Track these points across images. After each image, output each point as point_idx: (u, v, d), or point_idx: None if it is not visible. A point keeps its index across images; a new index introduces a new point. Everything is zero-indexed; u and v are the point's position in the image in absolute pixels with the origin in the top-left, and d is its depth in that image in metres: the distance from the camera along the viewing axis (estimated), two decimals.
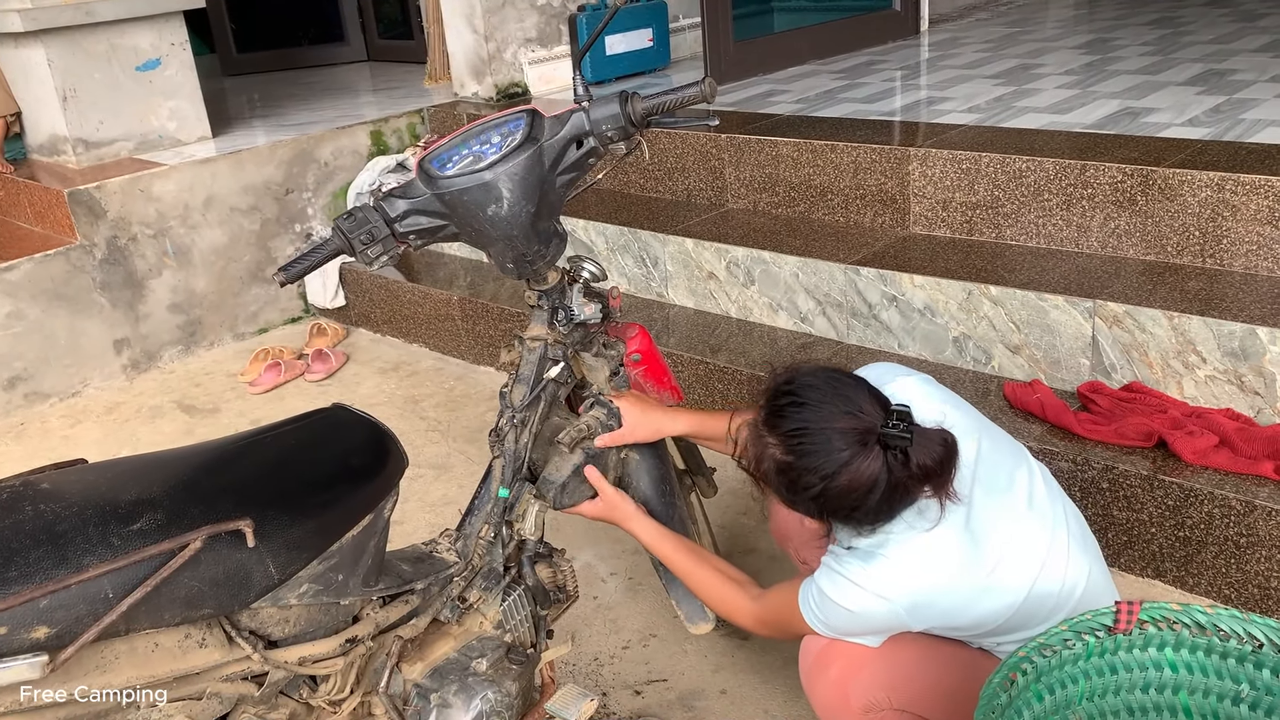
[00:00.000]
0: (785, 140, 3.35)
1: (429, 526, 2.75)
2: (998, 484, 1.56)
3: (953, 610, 1.52)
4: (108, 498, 1.22)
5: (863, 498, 1.43)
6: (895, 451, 1.40)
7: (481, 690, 1.61)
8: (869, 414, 1.44)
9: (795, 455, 1.44)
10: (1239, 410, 2.36)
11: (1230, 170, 2.56)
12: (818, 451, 1.43)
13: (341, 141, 4.36)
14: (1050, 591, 1.53)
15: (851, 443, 1.42)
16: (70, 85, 3.94)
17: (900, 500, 1.45)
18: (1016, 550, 1.52)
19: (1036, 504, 1.58)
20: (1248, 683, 1.41)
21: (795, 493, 1.47)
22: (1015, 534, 1.53)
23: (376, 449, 1.50)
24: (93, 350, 3.82)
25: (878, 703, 1.55)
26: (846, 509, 1.45)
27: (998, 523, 1.52)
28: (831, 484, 1.42)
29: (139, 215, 3.85)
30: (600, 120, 1.60)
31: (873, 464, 1.41)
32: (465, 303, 3.71)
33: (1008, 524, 1.53)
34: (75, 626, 1.14)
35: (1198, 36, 4.42)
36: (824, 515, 1.49)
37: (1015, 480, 1.59)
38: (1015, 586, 1.51)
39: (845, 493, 1.43)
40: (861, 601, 1.50)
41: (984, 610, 1.52)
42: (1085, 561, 1.58)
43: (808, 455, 1.43)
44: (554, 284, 1.76)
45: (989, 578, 1.50)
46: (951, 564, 1.49)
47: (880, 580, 1.49)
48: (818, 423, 1.43)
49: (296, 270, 1.59)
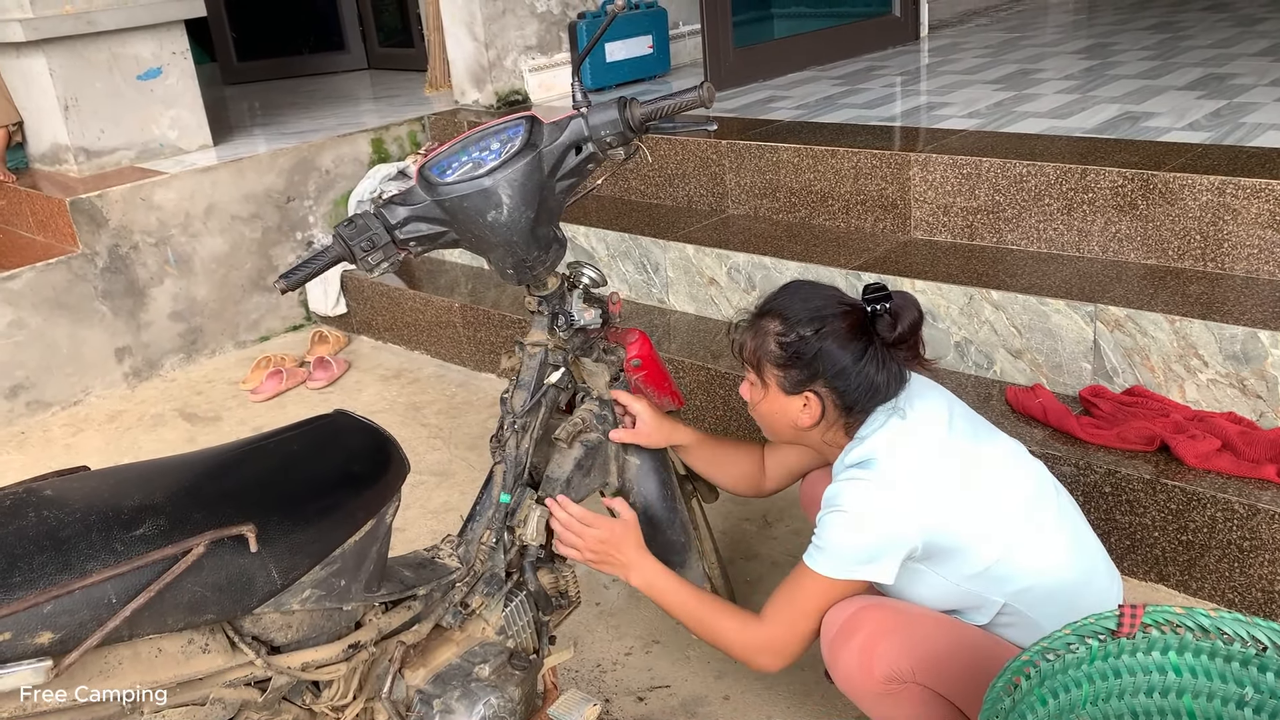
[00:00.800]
0: (786, 146, 3.35)
1: (431, 533, 2.75)
2: (979, 432, 1.68)
3: (947, 520, 1.57)
4: (111, 503, 1.22)
5: (853, 358, 1.58)
6: (881, 312, 1.59)
7: (484, 696, 1.61)
8: (852, 300, 1.65)
9: (789, 319, 1.62)
10: (1241, 414, 2.35)
11: (1231, 174, 2.56)
12: (810, 309, 1.61)
13: (342, 149, 4.37)
14: (1041, 541, 1.61)
15: (839, 304, 1.63)
16: (72, 94, 3.95)
17: (887, 372, 1.60)
18: (1001, 485, 1.62)
19: (1021, 460, 1.69)
20: (1251, 686, 1.40)
21: (793, 354, 1.60)
22: (999, 475, 1.63)
23: (378, 455, 1.50)
24: (94, 359, 3.82)
25: (900, 673, 1.56)
26: (840, 370, 1.59)
27: (981, 458, 1.63)
28: (825, 336, 1.59)
29: (140, 224, 3.86)
30: (599, 126, 1.60)
31: (860, 324, 1.60)
32: (466, 310, 3.71)
33: (991, 465, 1.64)
34: (79, 631, 1.14)
35: (1197, 41, 4.43)
36: (818, 379, 1.61)
37: (996, 435, 1.70)
38: (1001, 517, 1.60)
39: (839, 349, 1.58)
40: (863, 498, 1.55)
41: (972, 534, 1.58)
42: (1076, 526, 1.68)
43: (801, 313, 1.61)
44: (554, 290, 1.76)
45: (975, 497, 1.59)
46: (940, 467, 1.59)
47: (878, 475, 1.57)
48: (808, 290, 1.67)
49: (297, 277, 1.59)
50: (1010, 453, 1.69)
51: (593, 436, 1.82)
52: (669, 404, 2.00)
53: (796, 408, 1.66)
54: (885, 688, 1.57)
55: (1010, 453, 1.69)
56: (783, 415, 1.68)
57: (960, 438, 1.64)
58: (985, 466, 1.62)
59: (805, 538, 2.56)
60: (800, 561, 1.62)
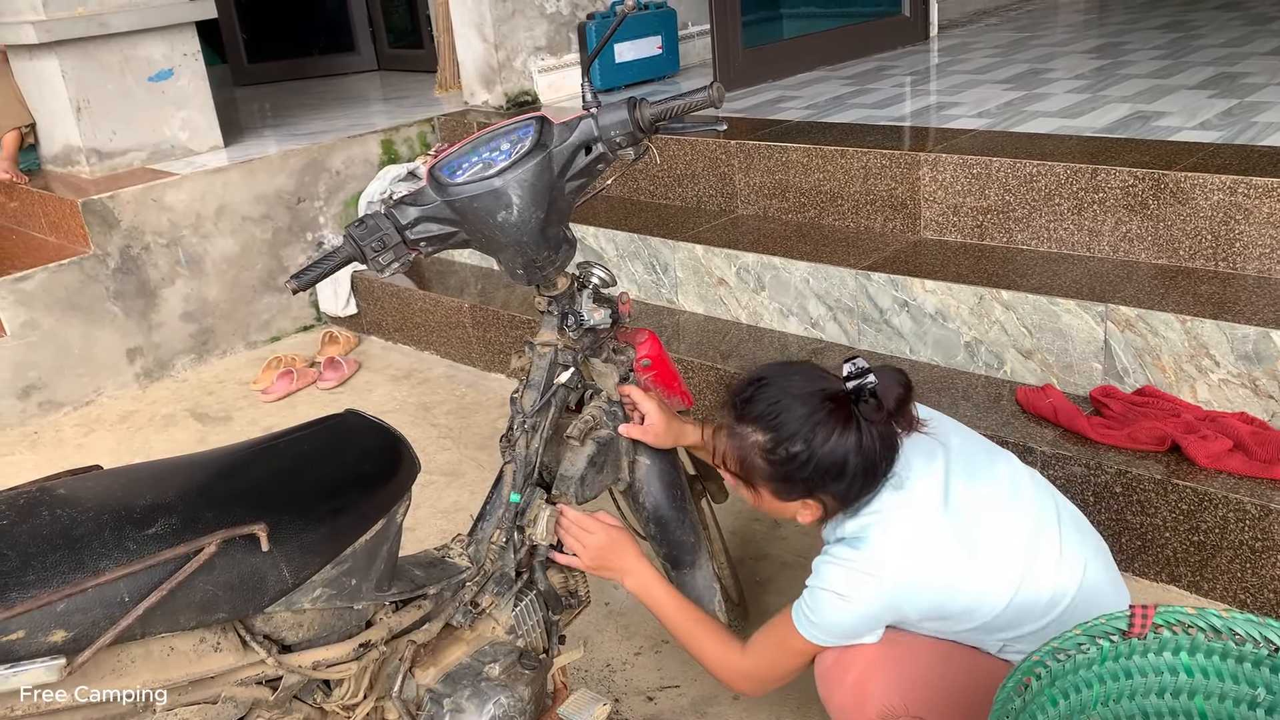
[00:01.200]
0: (795, 146, 3.35)
1: (440, 533, 2.76)
2: (976, 473, 1.59)
3: (943, 593, 1.52)
4: (123, 502, 1.22)
5: (846, 457, 1.47)
6: (865, 397, 1.47)
7: (494, 695, 1.61)
8: (831, 379, 1.52)
9: (775, 430, 1.49)
10: (1253, 414, 2.34)
11: (1242, 173, 2.55)
12: (794, 420, 1.48)
13: (353, 150, 4.38)
14: (1043, 583, 1.54)
15: (824, 402, 1.48)
16: (84, 96, 3.97)
17: (881, 454, 1.49)
18: (1001, 534, 1.54)
19: (1020, 493, 1.60)
20: (1264, 687, 1.39)
21: (784, 473, 1.51)
22: (999, 519, 1.55)
23: (389, 454, 1.50)
24: (106, 359, 3.84)
25: (894, 709, 1.55)
26: (835, 474, 1.48)
27: (979, 508, 1.55)
28: (816, 448, 1.47)
29: (152, 225, 3.87)
30: (608, 126, 1.60)
31: (847, 418, 1.47)
32: (476, 310, 3.72)
33: (989, 509, 1.56)
34: (92, 630, 1.14)
35: (1209, 40, 4.41)
36: (815, 490, 1.51)
37: (995, 470, 1.61)
38: (1003, 571, 1.53)
39: (830, 455, 1.47)
40: (852, 583, 1.50)
41: (974, 593, 1.53)
42: (1080, 554, 1.59)
43: (786, 425, 1.48)
44: (563, 290, 1.76)
45: (974, 559, 1.52)
46: (936, 540, 1.51)
47: (868, 558, 1.50)
48: (788, 394, 1.50)
49: (309, 278, 1.59)
50: (1008, 490, 1.60)
51: (604, 433, 1.82)
52: (679, 404, 2.00)
53: (794, 509, 1.57)
54: None
55: (1008, 490, 1.60)
56: (780, 513, 1.61)
57: (958, 497, 1.55)
58: (984, 522, 1.55)
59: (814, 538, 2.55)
60: (789, 612, 1.59)
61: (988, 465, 1.62)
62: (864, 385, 1.48)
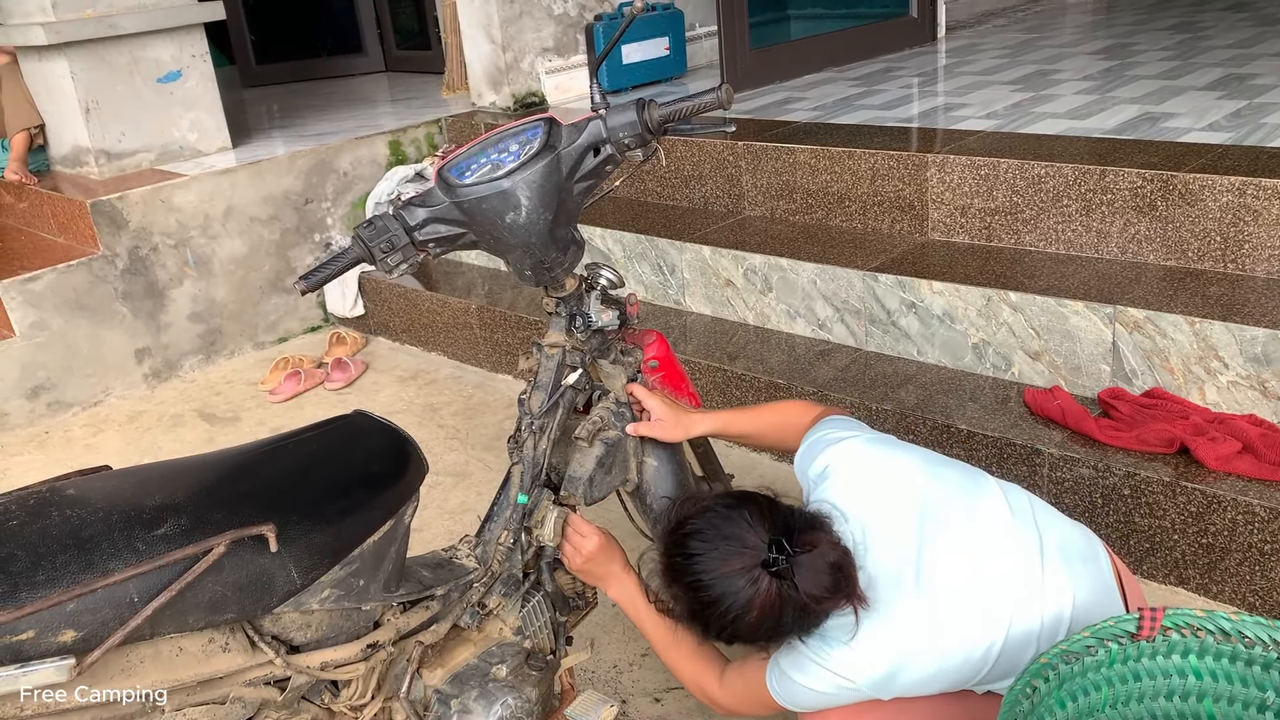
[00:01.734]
0: (802, 147, 3.35)
1: (448, 533, 2.76)
2: (953, 540, 1.51)
3: (922, 679, 1.47)
4: (132, 503, 1.23)
5: (775, 624, 1.43)
6: (785, 580, 1.40)
7: (501, 696, 1.61)
8: (754, 546, 1.42)
9: (700, 605, 1.45)
10: (1262, 416, 2.34)
11: (1251, 175, 2.54)
12: (718, 599, 1.42)
13: (360, 151, 4.39)
14: (1030, 629, 1.48)
15: (745, 580, 1.41)
16: (93, 97, 3.98)
17: (813, 618, 1.44)
18: (981, 603, 1.47)
19: (998, 539, 1.52)
20: (1273, 690, 1.39)
21: (711, 633, 1.48)
22: (978, 587, 1.48)
23: (397, 455, 1.50)
24: (114, 359, 3.85)
25: None
26: (765, 635, 1.45)
27: (957, 585, 1.48)
28: (741, 623, 1.42)
29: (160, 225, 3.88)
30: (617, 128, 1.60)
31: (770, 592, 1.40)
32: (483, 311, 3.72)
33: (969, 584, 1.48)
34: (101, 630, 1.15)
35: (1217, 41, 4.40)
36: (749, 644, 1.49)
37: (975, 517, 1.54)
38: (987, 640, 1.46)
39: (757, 625, 1.43)
40: (824, 681, 1.47)
41: (957, 672, 1.48)
42: (1068, 583, 1.51)
43: (710, 604, 1.43)
44: (572, 291, 1.76)
45: (955, 643, 1.46)
46: (911, 636, 1.46)
47: (839, 662, 1.46)
48: (710, 571, 1.43)
49: (317, 279, 1.60)
50: (987, 539, 1.52)
51: (612, 434, 1.81)
52: (686, 405, 2.00)
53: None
54: None
55: (987, 539, 1.52)
56: None
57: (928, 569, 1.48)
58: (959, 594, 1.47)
59: None
60: (763, 665, 1.56)
61: (966, 515, 1.54)
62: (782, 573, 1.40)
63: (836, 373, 2.89)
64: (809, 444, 1.67)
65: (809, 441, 1.68)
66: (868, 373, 2.87)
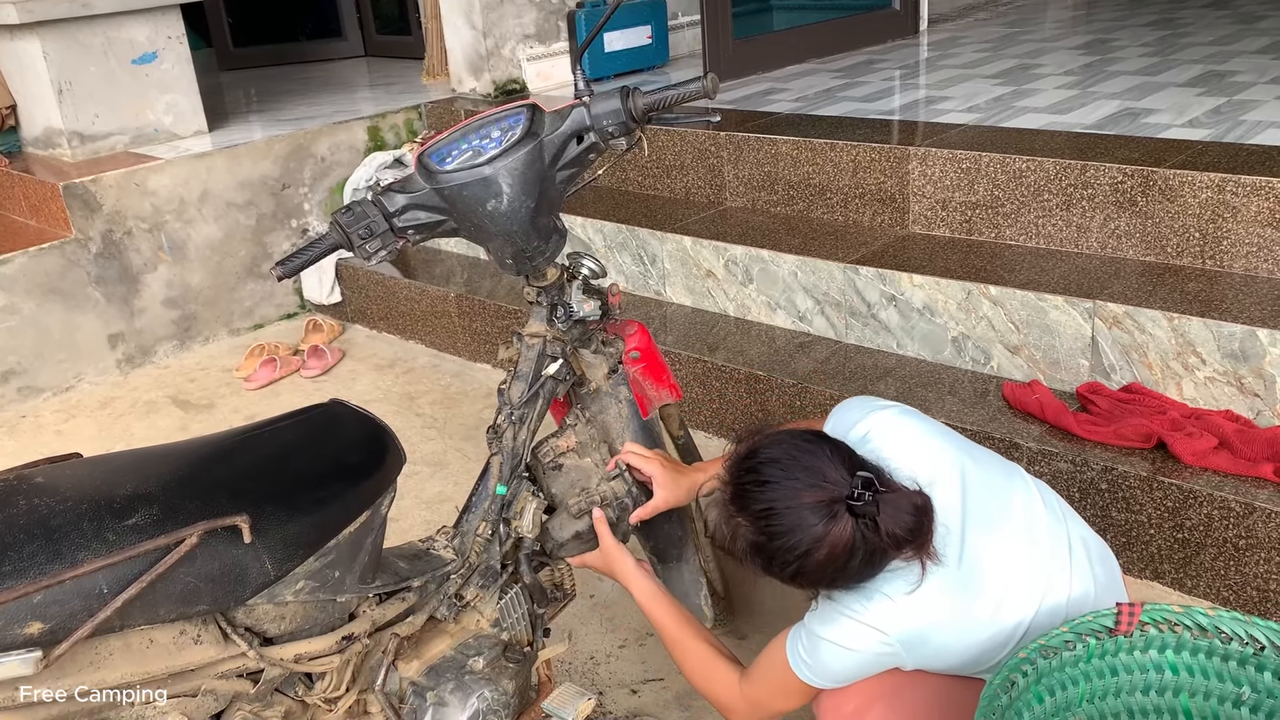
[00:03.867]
0: (784, 139, 3.34)
1: (425, 524, 2.74)
2: (991, 516, 1.51)
3: (948, 647, 1.46)
4: (103, 492, 1.20)
5: (841, 566, 1.39)
6: (865, 520, 1.36)
7: (478, 689, 1.60)
8: (835, 481, 1.38)
9: (767, 536, 1.40)
10: (1238, 412, 2.35)
11: (1230, 171, 2.55)
12: (789, 531, 1.38)
13: (339, 137, 4.34)
14: (1057, 610, 1.48)
15: (821, 515, 1.37)
16: (66, 78, 3.92)
17: (879, 562, 1.40)
18: (1016, 586, 1.47)
19: (1035, 531, 1.53)
20: (1248, 685, 1.40)
21: (772, 570, 1.43)
22: (1015, 569, 1.48)
23: (374, 445, 1.48)
24: (87, 345, 3.80)
25: None
26: (827, 578, 1.42)
27: (995, 559, 1.48)
28: (807, 560, 1.38)
29: (134, 209, 3.83)
30: (601, 115, 1.58)
31: (845, 531, 1.36)
32: (462, 300, 3.69)
33: (1006, 559, 1.48)
34: (69, 622, 1.13)
35: (1197, 38, 4.42)
36: (804, 586, 1.45)
37: (1011, 507, 1.53)
38: (1015, 621, 1.47)
39: (823, 565, 1.39)
40: (856, 636, 1.44)
41: (981, 647, 1.47)
42: (1089, 577, 1.53)
43: (779, 536, 1.38)
44: (553, 280, 1.75)
45: (989, 615, 1.46)
46: (949, 601, 1.44)
47: (877, 614, 1.43)
48: (784, 500, 1.38)
49: (294, 265, 1.57)
50: (1024, 529, 1.52)
51: (610, 513, 1.77)
52: (667, 396, 1.99)
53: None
54: None
55: (1024, 529, 1.52)
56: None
57: (973, 549, 1.47)
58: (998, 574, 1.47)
59: None
60: (783, 652, 1.52)
61: (1002, 505, 1.53)
62: (865, 511, 1.36)
63: (816, 365, 2.88)
64: (840, 414, 1.61)
65: (840, 413, 1.62)
66: (847, 365, 2.87)
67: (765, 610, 2.31)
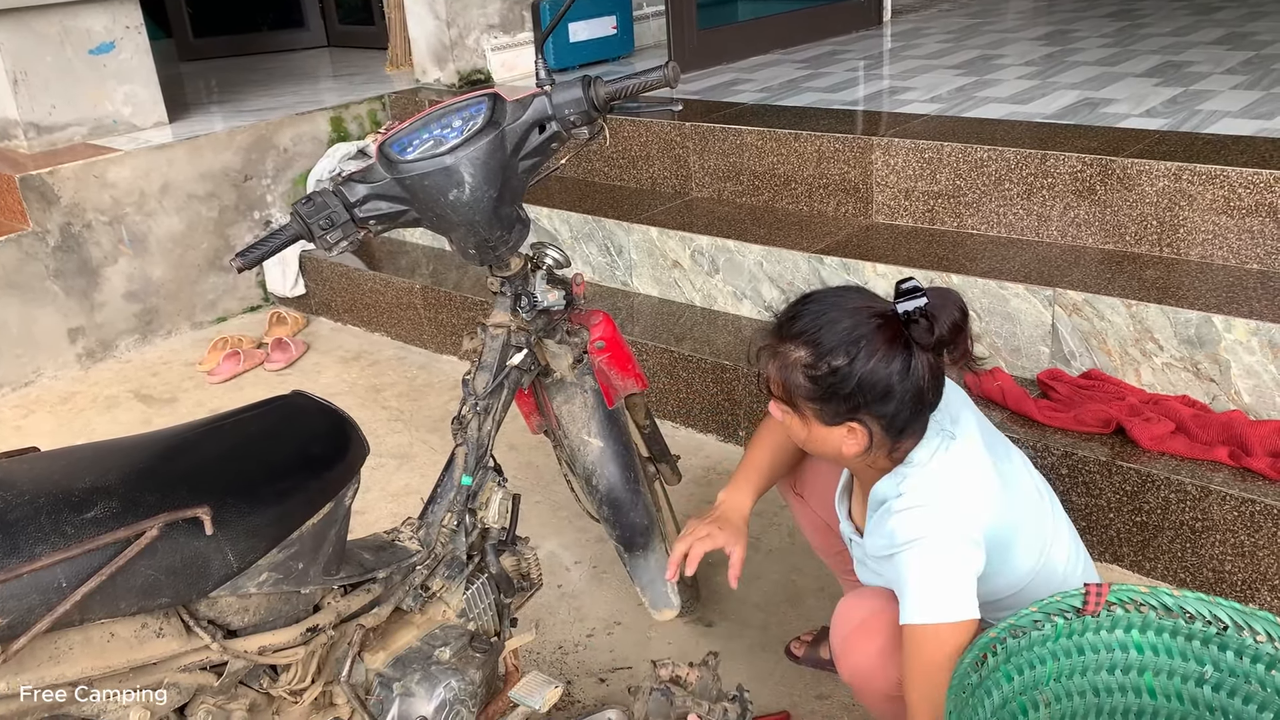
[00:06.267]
0: (749, 129, 3.35)
1: (391, 516, 2.73)
2: (998, 452, 1.58)
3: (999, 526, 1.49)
4: (61, 485, 1.19)
5: (891, 377, 1.41)
6: (916, 318, 1.40)
7: (445, 679, 1.59)
8: (882, 301, 1.46)
9: (818, 345, 1.42)
10: (1195, 397, 2.39)
11: (1187, 160, 2.59)
12: (839, 332, 1.42)
13: (301, 128, 4.30)
14: (1059, 552, 1.60)
15: (870, 318, 1.42)
16: (21, 68, 3.85)
17: (929, 381, 1.44)
18: (1031, 502, 1.58)
19: (1038, 481, 1.64)
20: (1211, 664, 1.42)
21: (827, 390, 1.43)
22: (1027, 487, 1.59)
23: (337, 436, 1.47)
24: (46, 339, 3.75)
25: None
26: (879, 395, 1.42)
27: (1007, 469, 1.56)
28: (859, 364, 1.40)
29: (94, 202, 3.78)
30: (563, 104, 1.58)
31: (893, 337, 1.41)
32: (427, 291, 3.67)
33: (1015, 475, 1.58)
34: (28, 616, 1.11)
35: (1155, 29, 4.48)
36: (859, 411, 1.44)
37: (1012, 456, 1.62)
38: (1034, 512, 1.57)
39: (874, 374, 1.41)
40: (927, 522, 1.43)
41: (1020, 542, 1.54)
42: (1080, 548, 1.66)
43: (828, 340, 1.42)
44: (517, 270, 1.74)
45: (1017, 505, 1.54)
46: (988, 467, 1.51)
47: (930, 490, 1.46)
48: (833, 309, 1.44)
49: (254, 256, 1.56)
50: (1023, 466, 1.63)
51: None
52: (632, 385, 1.99)
53: (839, 437, 1.48)
54: (897, 692, 1.53)
55: (1023, 466, 1.63)
56: (824, 444, 1.51)
57: (993, 454, 1.55)
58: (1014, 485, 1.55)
59: (769, 521, 2.57)
60: (905, 627, 1.46)
61: (1005, 448, 1.62)
62: (914, 304, 1.41)
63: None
64: None
65: None
66: None
67: (732, 597, 2.33)
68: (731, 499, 1.78)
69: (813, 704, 2.03)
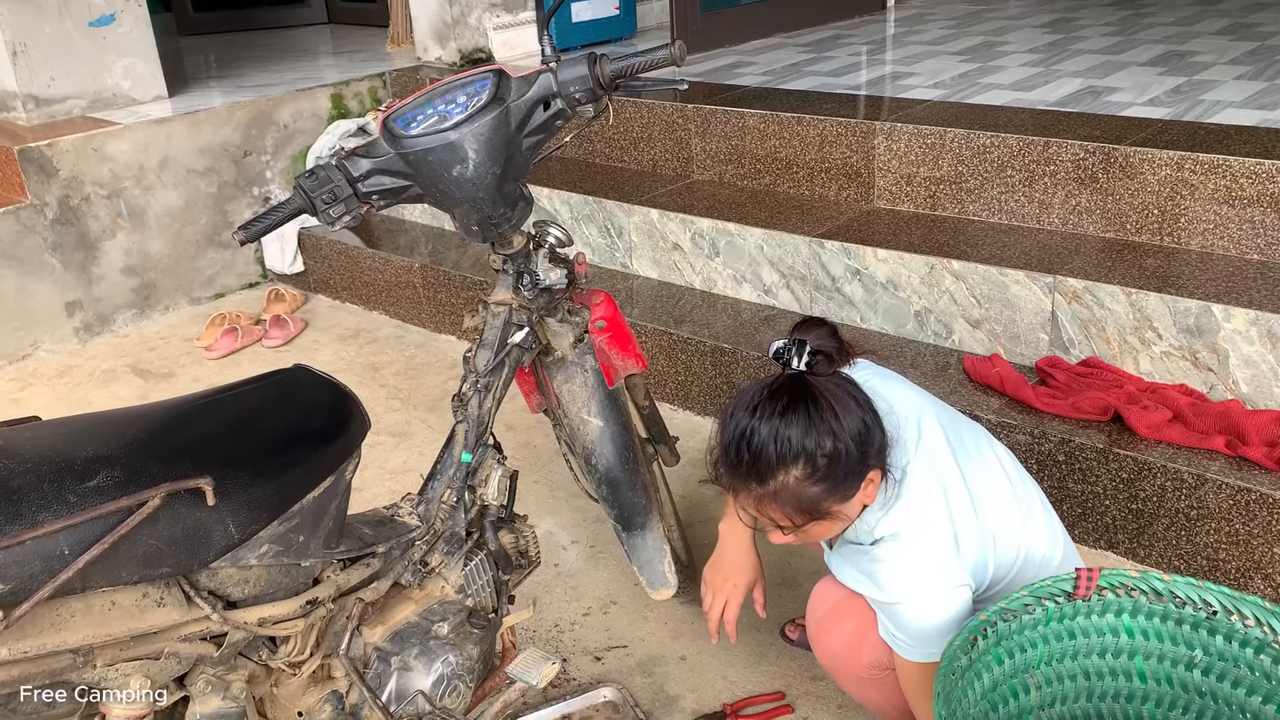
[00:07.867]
0: (751, 112, 3.34)
1: (389, 493, 2.74)
2: (967, 449, 1.60)
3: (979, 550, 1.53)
4: (64, 454, 1.19)
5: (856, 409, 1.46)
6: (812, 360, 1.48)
7: (442, 654, 1.60)
8: (767, 380, 1.51)
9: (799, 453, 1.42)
10: (1192, 386, 2.40)
11: (1189, 150, 2.59)
12: (795, 428, 1.42)
13: (301, 104, 4.29)
14: (1037, 551, 1.60)
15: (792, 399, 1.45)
16: (20, 40, 3.83)
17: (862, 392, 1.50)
18: (1003, 501, 1.58)
19: (1009, 471, 1.64)
20: (1201, 648, 1.44)
21: (841, 471, 1.44)
22: (1000, 487, 1.59)
23: (338, 410, 1.48)
24: (44, 312, 3.74)
25: (885, 662, 1.59)
26: (864, 431, 1.45)
27: (979, 476, 1.58)
28: (837, 427, 1.42)
29: (92, 175, 3.76)
30: (568, 82, 1.58)
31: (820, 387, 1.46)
32: (427, 270, 3.67)
33: (987, 477, 1.59)
34: (30, 583, 1.11)
35: (1159, 18, 4.47)
36: (867, 460, 1.46)
37: (982, 449, 1.63)
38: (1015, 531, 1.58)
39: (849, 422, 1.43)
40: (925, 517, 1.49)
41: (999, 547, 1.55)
42: (1061, 531, 1.66)
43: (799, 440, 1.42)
44: (519, 248, 1.74)
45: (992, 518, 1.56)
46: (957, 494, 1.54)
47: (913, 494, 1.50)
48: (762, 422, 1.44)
49: (257, 229, 1.55)
50: (994, 456, 1.64)
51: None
52: (632, 366, 1.99)
53: (861, 497, 1.48)
54: (869, 673, 1.60)
55: (994, 456, 1.64)
56: (853, 514, 1.51)
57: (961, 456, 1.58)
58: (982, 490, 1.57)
59: None
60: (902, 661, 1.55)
61: (975, 444, 1.63)
62: (810, 363, 1.48)
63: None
64: None
65: None
66: None
67: None
68: (732, 531, 1.81)
69: (806, 685, 2.05)
